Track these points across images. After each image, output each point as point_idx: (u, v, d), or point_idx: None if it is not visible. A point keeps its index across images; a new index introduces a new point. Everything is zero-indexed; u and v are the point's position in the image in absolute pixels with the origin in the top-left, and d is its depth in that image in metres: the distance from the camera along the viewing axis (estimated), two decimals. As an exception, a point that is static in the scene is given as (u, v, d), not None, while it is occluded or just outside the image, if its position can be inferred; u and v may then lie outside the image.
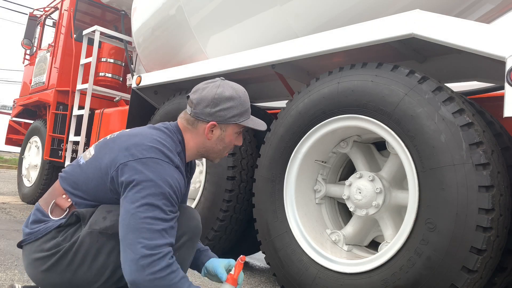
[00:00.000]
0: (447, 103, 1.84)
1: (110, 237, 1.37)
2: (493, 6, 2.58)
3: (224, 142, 1.59)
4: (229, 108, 1.53)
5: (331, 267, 2.17)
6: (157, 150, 1.40)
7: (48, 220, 1.45)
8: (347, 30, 2.26)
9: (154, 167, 1.36)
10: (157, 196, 1.32)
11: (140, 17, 3.98)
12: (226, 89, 1.54)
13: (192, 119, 1.56)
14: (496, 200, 1.69)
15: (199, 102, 1.53)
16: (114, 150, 1.42)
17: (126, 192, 1.34)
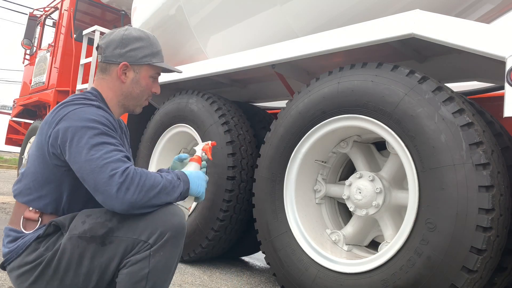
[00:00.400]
0: (447, 103, 1.84)
1: (90, 240, 1.32)
2: (493, 6, 2.58)
3: (140, 85, 1.55)
4: (139, 48, 1.52)
5: (331, 267, 2.17)
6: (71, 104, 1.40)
7: (24, 235, 1.41)
8: (347, 30, 2.26)
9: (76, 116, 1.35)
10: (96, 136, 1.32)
11: (140, 17, 3.98)
12: (133, 30, 1.55)
13: (103, 65, 1.53)
14: (496, 200, 1.70)
15: (108, 45, 1.52)
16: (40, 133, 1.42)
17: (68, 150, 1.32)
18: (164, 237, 1.31)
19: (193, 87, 3.52)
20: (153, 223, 1.32)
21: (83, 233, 1.33)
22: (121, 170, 1.28)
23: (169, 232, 1.32)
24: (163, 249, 1.32)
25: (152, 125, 3.65)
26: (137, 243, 1.31)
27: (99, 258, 1.33)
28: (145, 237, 1.31)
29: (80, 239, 1.33)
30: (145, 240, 1.31)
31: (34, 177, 1.41)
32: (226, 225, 2.88)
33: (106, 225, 1.33)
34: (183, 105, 3.32)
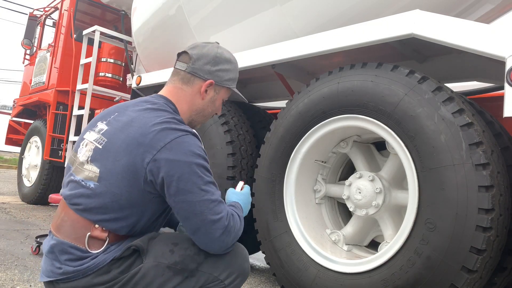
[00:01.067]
0: (447, 103, 1.84)
1: (178, 271, 1.31)
2: (493, 6, 2.58)
3: (214, 105, 1.55)
4: (227, 70, 1.52)
5: (331, 267, 2.17)
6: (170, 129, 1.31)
7: (92, 255, 1.30)
8: (347, 30, 2.26)
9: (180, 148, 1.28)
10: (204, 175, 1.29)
11: (140, 17, 3.98)
12: (225, 51, 1.53)
13: (188, 75, 1.48)
14: (496, 200, 1.70)
15: (200, 57, 1.47)
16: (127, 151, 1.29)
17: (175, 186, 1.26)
18: (236, 281, 1.38)
19: (193, 87, 3.51)
20: (231, 265, 1.37)
21: (173, 264, 1.31)
22: (225, 215, 1.30)
23: (241, 277, 1.40)
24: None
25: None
26: (215, 280, 1.35)
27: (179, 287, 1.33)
28: (223, 277, 1.35)
29: (169, 269, 1.31)
30: (222, 279, 1.35)
31: (114, 198, 1.30)
32: (226, 225, 2.88)
33: (196, 260, 1.34)
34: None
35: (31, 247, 3.23)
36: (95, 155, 1.34)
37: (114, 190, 1.29)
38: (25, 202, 6.30)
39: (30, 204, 6.17)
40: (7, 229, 4.03)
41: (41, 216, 5.16)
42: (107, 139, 1.34)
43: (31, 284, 2.44)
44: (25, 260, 2.98)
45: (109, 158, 1.31)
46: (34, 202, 6.11)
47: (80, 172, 1.35)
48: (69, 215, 1.34)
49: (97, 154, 1.34)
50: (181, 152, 1.27)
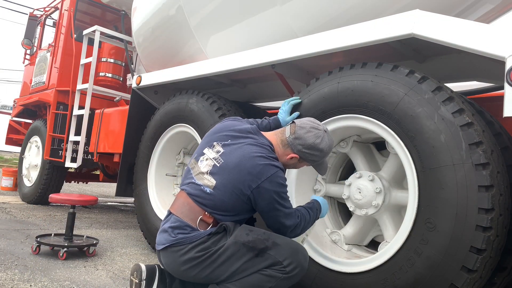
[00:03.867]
0: (447, 103, 1.84)
1: (250, 249, 1.75)
2: (493, 6, 2.58)
3: (294, 166, 2.08)
4: (314, 155, 1.97)
5: (331, 266, 2.17)
6: (270, 166, 1.83)
7: (199, 230, 1.82)
8: (347, 30, 2.26)
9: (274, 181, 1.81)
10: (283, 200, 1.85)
11: (140, 17, 3.98)
12: (323, 142, 1.96)
13: (285, 139, 1.98)
14: (496, 199, 1.70)
15: (299, 138, 1.95)
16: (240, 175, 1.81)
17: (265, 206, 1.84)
18: (295, 270, 1.75)
19: (193, 87, 3.52)
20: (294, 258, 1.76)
21: (247, 242, 1.75)
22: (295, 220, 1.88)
23: (299, 270, 1.77)
24: (289, 279, 1.75)
25: (152, 125, 3.66)
26: (279, 264, 1.74)
27: (248, 264, 1.74)
28: (286, 263, 1.74)
29: (243, 245, 1.75)
30: (285, 265, 1.74)
31: (223, 204, 1.83)
32: (226, 225, 2.89)
33: (264, 243, 1.76)
34: (183, 105, 3.32)
35: (31, 247, 3.23)
36: (213, 170, 1.87)
37: (224, 199, 1.83)
38: (25, 202, 6.30)
39: (30, 204, 6.17)
40: (7, 229, 4.04)
41: (41, 216, 5.16)
42: (223, 161, 1.87)
43: (31, 284, 2.45)
44: (25, 260, 2.98)
45: (224, 175, 1.84)
46: (34, 202, 6.11)
47: (201, 179, 1.89)
48: (189, 202, 1.88)
49: (215, 170, 1.87)
50: (276, 184, 1.82)
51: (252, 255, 1.74)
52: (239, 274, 1.75)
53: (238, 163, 1.83)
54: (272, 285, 1.73)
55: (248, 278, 1.74)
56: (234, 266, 1.74)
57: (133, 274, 1.91)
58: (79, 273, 2.79)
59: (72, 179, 6.86)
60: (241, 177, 1.80)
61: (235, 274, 1.75)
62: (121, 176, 4.16)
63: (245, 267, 1.74)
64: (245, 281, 1.74)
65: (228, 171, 1.83)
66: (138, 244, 3.97)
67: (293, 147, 1.95)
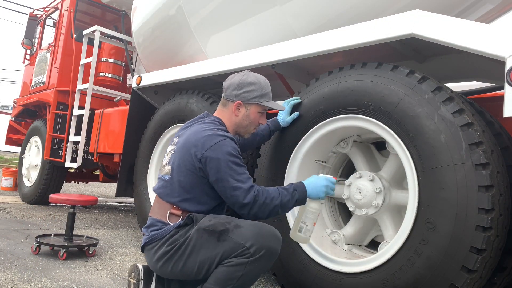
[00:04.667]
0: (447, 103, 1.84)
1: (210, 233, 1.73)
2: (493, 6, 2.58)
3: (249, 118, 2.01)
4: (251, 91, 1.97)
5: (331, 266, 2.17)
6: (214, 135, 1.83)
7: (168, 224, 1.84)
8: (347, 30, 2.26)
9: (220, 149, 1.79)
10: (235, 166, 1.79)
11: (140, 17, 3.98)
12: (249, 76, 2.00)
13: (224, 101, 2.02)
14: (496, 200, 1.70)
15: (228, 86, 2.00)
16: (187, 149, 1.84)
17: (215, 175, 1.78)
18: (261, 253, 1.68)
19: (193, 87, 3.52)
20: (259, 240, 1.69)
21: (207, 227, 1.74)
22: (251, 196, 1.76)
23: (266, 251, 1.70)
24: (258, 262, 1.68)
25: (152, 125, 3.66)
26: (241, 247, 1.68)
27: (212, 251, 1.71)
28: (249, 245, 1.67)
29: (204, 231, 1.74)
30: (248, 247, 1.67)
31: (180, 184, 1.85)
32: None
33: (225, 226, 1.73)
34: (183, 105, 3.32)
35: (31, 247, 3.23)
36: (170, 158, 1.94)
37: (180, 178, 1.85)
38: (25, 202, 6.30)
39: (30, 204, 6.17)
40: (7, 229, 4.04)
41: (41, 216, 5.16)
42: (177, 147, 1.92)
43: (31, 284, 2.44)
44: (25, 260, 2.98)
45: (176, 157, 1.89)
46: (34, 202, 6.11)
47: (162, 172, 1.96)
48: (157, 201, 1.93)
49: (171, 157, 1.93)
50: (220, 152, 1.78)
51: (214, 240, 1.71)
52: (207, 263, 1.71)
53: (185, 142, 1.87)
54: (243, 273, 1.67)
55: (217, 274, 1.69)
56: (200, 255, 1.72)
57: (130, 274, 1.91)
58: (79, 273, 2.79)
59: (72, 179, 6.87)
60: (189, 151, 1.83)
61: (204, 263, 1.72)
62: (121, 176, 4.16)
63: (210, 255, 1.71)
64: (215, 277, 1.70)
65: (179, 152, 1.88)
66: (138, 244, 3.97)
67: (231, 97, 1.99)
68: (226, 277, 1.68)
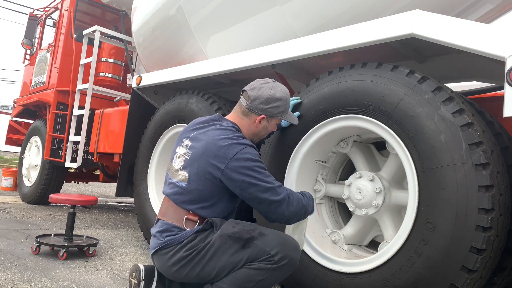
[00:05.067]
0: (447, 103, 1.84)
1: (236, 240, 1.72)
2: (493, 6, 2.58)
3: (267, 130, 2.07)
4: (277, 107, 1.99)
5: (331, 266, 2.17)
6: (235, 144, 1.81)
7: (185, 229, 1.82)
8: (347, 30, 2.26)
9: (242, 158, 1.78)
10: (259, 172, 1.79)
11: (140, 17, 3.98)
12: (277, 91, 1.99)
13: (246, 110, 2.00)
14: (496, 200, 1.70)
15: (255, 99, 1.97)
16: (206, 158, 1.80)
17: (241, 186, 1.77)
18: (284, 261, 1.70)
19: (193, 87, 3.52)
20: (283, 249, 1.71)
21: (232, 234, 1.73)
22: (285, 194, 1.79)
23: (288, 260, 1.71)
24: (279, 270, 1.70)
25: (152, 125, 3.66)
26: (266, 253, 1.69)
27: (235, 257, 1.71)
28: (274, 252, 1.70)
29: (229, 237, 1.73)
30: (272, 254, 1.69)
31: (200, 193, 1.83)
32: (226, 225, 2.89)
33: (250, 233, 1.74)
34: (183, 105, 3.32)
35: (31, 247, 3.23)
36: (185, 164, 1.88)
37: (199, 187, 1.82)
38: (25, 202, 6.30)
39: (30, 204, 6.17)
40: (7, 229, 4.04)
41: (41, 216, 5.16)
42: (192, 152, 1.87)
43: (31, 284, 2.44)
44: (25, 260, 2.98)
45: (194, 165, 1.84)
46: (34, 202, 6.11)
47: (176, 177, 1.90)
48: (171, 206, 1.89)
49: (186, 163, 1.88)
50: (244, 160, 1.78)
51: (239, 247, 1.72)
52: (228, 268, 1.71)
53: (204, 150, 1.83)
54: (262, 278, 1.68)
55: (236, 275, 1.70)
56: (222, 260, 1.72)
57: (131, 274, 1.92)
58: (79, 273, 2.79)
59: (72, 179, 6.87)
60: (209, 162, 1.80)
61: (224, 268, 1.72)
62: (121, 176, 4.16)
63: (233, 260, 1.71)
64: (233, 277, 1.70)
65: (197, 160, 1.84)
66: (138, 244, 3.97)
67: (256, 110, 1.97)
68: (245, 278, 1.69)
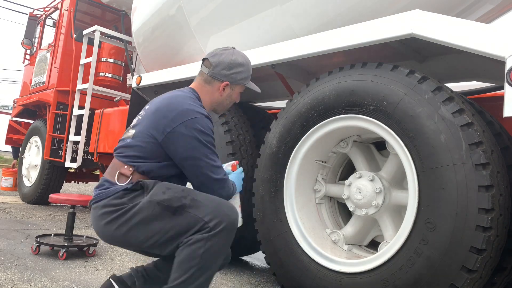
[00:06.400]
0: (447, 103, 1.84)
1: (165, 208, 1.63)
2: (493, 6, 2.58)
3: (231, 98, 1.99)
4: (240, 72, 1.93)
5: (331, 266, 2.17)
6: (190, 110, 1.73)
7: (116, 184, 1.74)
8: (347, 30, 2.26)
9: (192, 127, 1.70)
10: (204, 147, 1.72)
11: (140, 17, 3.98)
12: (238, 57, 1.93)
13: (209, 78, 1.91)
14: (496, 200, 1.70)
15: (218, 64, 1.90)
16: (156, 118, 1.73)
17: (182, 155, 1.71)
18: (220, 226, 1.60)
19: (193, 87, 3.51)
20: (218, 213, 1.62)
21: (161, 201, 1.63)
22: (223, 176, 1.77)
23: (226, 224, 1.61)
24: (218, 236, 1.59)
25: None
26: (200, 221, 1.60)
27: (166, 223, 1.62)
28: (208, 219, 1.60)
29: (158, 204, 1.63)
30: (206, 221, 1.59)
31: (141, 149, 1.74)
32: (226, 225, 2.88)
33: (181, 201, 1.64)
34: (183, 105, 3.32)
35: (31, 247, 3.23)
36: (136, 123, 1.83)
37: (141, 144, 1.75)
38: (25, 202, 6.30)
39: (30, 204, 6.17)
40: (7, 229, 4.04)
41: (41, 216, 5.16)
42: (145, 113, 1.82)
43: (31, 284, 2.44)
44: (25, 260, 2.98)
45: (142, 123, 1.78)
46: (34, 202, 6.11)
47: (125, 134, 1.85)
48: (113, 161, 1.83)
49: (138, 121, 1.83)
50: (194, 130, 1.69)
51: (169, 214, 1.63)
52: (157, 236, 1.63)
53: (156, 109, 1.77)
54: (205, 249, 1.57)
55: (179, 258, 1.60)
56: (150, 228, 1.63)
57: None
58: (79, 273, 2.79)
59: (72, 179, 6.87)
60: (156, 121, 1.73)
61: (153, 236, 1.63)
62: (121, 176, 4.15)
63: (163, 227, 1.62)
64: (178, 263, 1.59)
65: (146, 119, 1.78)
66: (138, 244, 3.96)
67: (219, 76, 1.90)
68: (188, 257, 1.58)
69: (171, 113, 1.71)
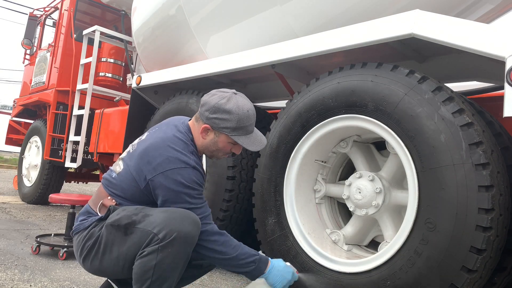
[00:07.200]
0: (447, 103, 1.84)
1: (117, 228, 1.60)
2: (493, 6, 2.58)
3: (217, 146, 1.80)
4: (223, 120, 1.72)
5: (330, 266, 2.17)
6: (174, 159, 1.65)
7: (96, 215, 1.72)
8: (347, 30, 2.26)
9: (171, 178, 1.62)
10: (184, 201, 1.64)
11: (140, 17, 3.98)
12: (229, 102, 1.72)
13: (198, 116, 1.80)
14: (496, 200, 1.70)
15: (203, 104, 1.76)
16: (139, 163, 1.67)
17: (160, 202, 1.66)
18: (171, 236, 1.53)
19: (193, 87, 3.52)
20: (167, 222, 1.55)
21: (113, 222, 1.61)
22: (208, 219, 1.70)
23: (177, 233, 1.54)
24: (170, 247, 1.53)
25: (152, 125, 3.65)
26: (150, 235, 1.54)
27: (123, 246, 1.59)
28: (157, 230, 1.54)
29: (112, 227, 1.61)
30: (156, 233, 1.53)
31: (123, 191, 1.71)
32: (226, 224, 2.89)
33: (131, 218, 1.59)
34: (183, 105, 3.32)
35: (31, 247, 3.23)
36: (126, 156, 1.77)
37: (123, 186, 1.71)
38: (25, 202, 6.30)
39: (30, 204, 6.17)
40: (7, 229, 4.04)
41: (41, 216, 5.16)
42: (136, 148, 1.74)
43: (31, 284, 2.44)
44: (25, 260, 2.98)
45: (130, 162, 1.72)
46: (34, 202, 6.11)
47: (114, 165, 1.80)
48: (100, 188, 1.79)
49: (127, 156, 1.76)
50: (172, 181, 1.62)
51: (122, 235, 1.59)
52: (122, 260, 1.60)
53: (143, 151, 1.69)
54: (157, 261, 1.52)
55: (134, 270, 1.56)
56: (113, 252, 1.61)
57: None
58: (79, 273, 2.79)
59: (72, 179, 6.87)
60: (140, 166, 1.66)
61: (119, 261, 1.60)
62: (121, 176, 4.15)
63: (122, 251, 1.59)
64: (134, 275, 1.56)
65: (134, 158, 1.71)
66: (138, 244, 3.96)
67: (202, 117, 1.75)
68: (142, 269, 1.53)
69: (155, 159, 1.64)
